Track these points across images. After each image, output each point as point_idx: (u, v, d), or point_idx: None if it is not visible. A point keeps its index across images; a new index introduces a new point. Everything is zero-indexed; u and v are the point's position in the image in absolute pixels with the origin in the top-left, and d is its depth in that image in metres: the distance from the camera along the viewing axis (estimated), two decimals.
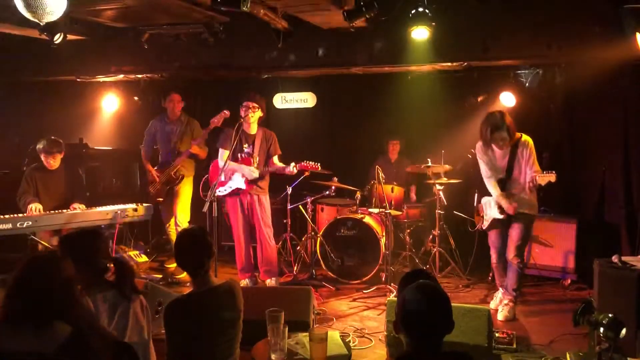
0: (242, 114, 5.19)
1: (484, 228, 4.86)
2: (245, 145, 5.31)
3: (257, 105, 5.22)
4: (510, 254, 4.62)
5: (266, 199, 5.39)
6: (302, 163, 5.21)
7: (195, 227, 2.94)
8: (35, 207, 4.92)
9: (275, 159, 5.39)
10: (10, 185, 5.43)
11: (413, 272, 2.48)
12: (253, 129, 5.34)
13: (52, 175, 5.22)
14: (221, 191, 5.31)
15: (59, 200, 5.16)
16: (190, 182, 5.97)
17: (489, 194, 4.73)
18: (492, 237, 4.79)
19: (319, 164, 5.28)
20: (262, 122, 5.43)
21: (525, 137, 4.55)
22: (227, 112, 5.46)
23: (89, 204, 5.30)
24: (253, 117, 5.22)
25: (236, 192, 5.32)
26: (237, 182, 5.28)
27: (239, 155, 5.30)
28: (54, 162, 5.15)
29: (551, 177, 4.35)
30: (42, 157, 5.13)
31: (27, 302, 1.81)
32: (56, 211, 4.98)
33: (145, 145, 6.07)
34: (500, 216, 4.59)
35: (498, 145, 4.55)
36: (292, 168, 5.17)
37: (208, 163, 5.84)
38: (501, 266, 4.78)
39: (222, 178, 5.29)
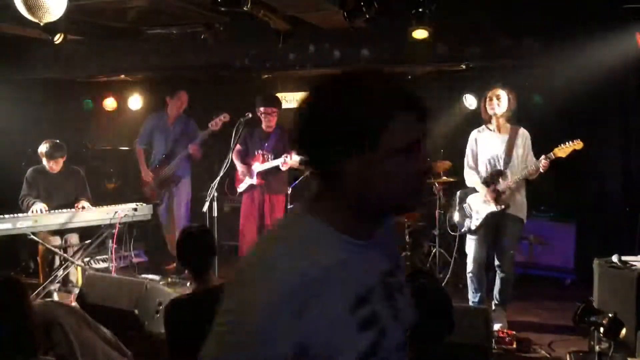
0: (263, 119, 5.27)
1: (472, 229, 4.35)
2: (262, 143, 5.37)
3: (275, 110, 5.27)
4: (505, 263, 4.25)
5: (279, 200, 5.41)
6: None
7: (198, 226, 2.93)
8: (39, 209, 4.87)
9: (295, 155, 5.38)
10: (11, 185, 5.42)
11: (413, 273, 2.48)
12: (270, 127, 5.38)
13: (54, 178, 5.19)
14: (241, 187, 5.44)
15: (60, 201, 5.13)
16: (187, 183, 5.88)
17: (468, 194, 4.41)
18: (475, 243, 4.34)
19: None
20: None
21: (524, 130, 4.33)
22: (226, 116, 5.44)
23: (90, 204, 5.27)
24: (273, 122, 5.29)
25: (251, 188, 5.39)
26: (251, 178, 5.36)
27: (256, 152, 5.37)
28: (55, 166, 5.12)
29: (576, 145, 3.87)
30: (44, 161, 5.09)
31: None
32: (56, 211, 4.96)
33: (141, 143, 5.90)
34: (498, 208, 4.13)
35: (493, 108, 4.17)
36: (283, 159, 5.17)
37: (209, 164, 5.82)
38: (482, 278, 4.36)
39: (240, 176, 5.44)
